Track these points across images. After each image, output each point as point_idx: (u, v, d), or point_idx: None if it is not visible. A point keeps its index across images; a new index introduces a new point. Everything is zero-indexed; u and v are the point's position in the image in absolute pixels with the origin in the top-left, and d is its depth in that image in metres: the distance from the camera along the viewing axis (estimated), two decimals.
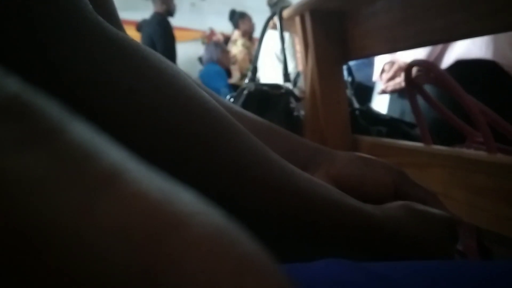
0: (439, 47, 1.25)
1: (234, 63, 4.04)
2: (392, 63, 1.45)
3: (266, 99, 1.00)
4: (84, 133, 0.11)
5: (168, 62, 0.25)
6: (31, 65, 0.19)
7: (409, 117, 1.21)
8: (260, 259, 0.11)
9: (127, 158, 0.11)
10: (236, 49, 4.08)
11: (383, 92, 1.54)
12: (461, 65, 1.21)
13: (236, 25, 4.20)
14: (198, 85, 0.28)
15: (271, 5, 3.16)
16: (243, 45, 4.06)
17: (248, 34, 4.15)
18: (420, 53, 1.26)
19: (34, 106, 0.10)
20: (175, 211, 0.10)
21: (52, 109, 0.10)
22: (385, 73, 1.50)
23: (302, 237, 0.29)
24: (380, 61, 1.56)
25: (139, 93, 0.22)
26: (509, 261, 0.29)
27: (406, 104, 0.84)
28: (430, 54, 1.26)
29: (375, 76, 1.59)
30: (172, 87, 0.24)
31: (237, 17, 4.19)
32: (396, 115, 1.32)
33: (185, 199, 0.11)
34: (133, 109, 0.22)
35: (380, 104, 1.80)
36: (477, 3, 0.63)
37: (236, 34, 4.20)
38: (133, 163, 0.11)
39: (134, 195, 0.10)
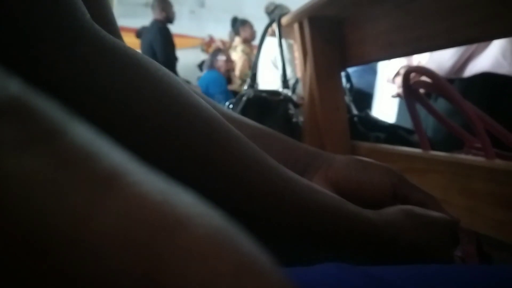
0: (465, 55, 1.23)
1: (233, 69, 4.05)
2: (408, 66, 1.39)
3: (265, 106, 1.00)
4: (84, 135, 0.11)
5: (165, 70, 0.25)
6: (25, 72, 0.20)
7: (423, 123, 1.16)
8: (260, 261, 0.11)
9: (127, 160, 0.11)
10: (236, 55, 4.09)
11: (398, 95, 1.50)
12: (488, 78, 1.18)
13: (237, 32, 4.22)
14: (196, 93, 0.28)
15: (269, 13, 3.17)
16: (243, 51, 4.07)
17: (248, 41, 4.17)
18: (448, 60, 1.23)
19: (35, 108, 0.10)
20: (175, 213, 0.10)
21: (53, 110, 0.11)
22: (398, 76, 1.44)
23: (301, 241, 0.29)
24: (388, 66, 1.53)
25: (133, 101, 0.22)
26: (508, 266, 0.29)
27: (420, 108, 0.81)
28: (456, 62, 1.23)
29: (387, 79, 1.54)
30: (167, 95, 0.24)
31: (238, 24, 4.22)
32: (406, 120, 1.25)
33: (185, 201, 0.11)
34: (126, 117, 0.22)
35: (380, 111, 1.79)
36: (475, 9, 0.64)
37: (236, 41, 4.22)
38: (133, 165, 0.11)
39: (135, 197, 0.10)
